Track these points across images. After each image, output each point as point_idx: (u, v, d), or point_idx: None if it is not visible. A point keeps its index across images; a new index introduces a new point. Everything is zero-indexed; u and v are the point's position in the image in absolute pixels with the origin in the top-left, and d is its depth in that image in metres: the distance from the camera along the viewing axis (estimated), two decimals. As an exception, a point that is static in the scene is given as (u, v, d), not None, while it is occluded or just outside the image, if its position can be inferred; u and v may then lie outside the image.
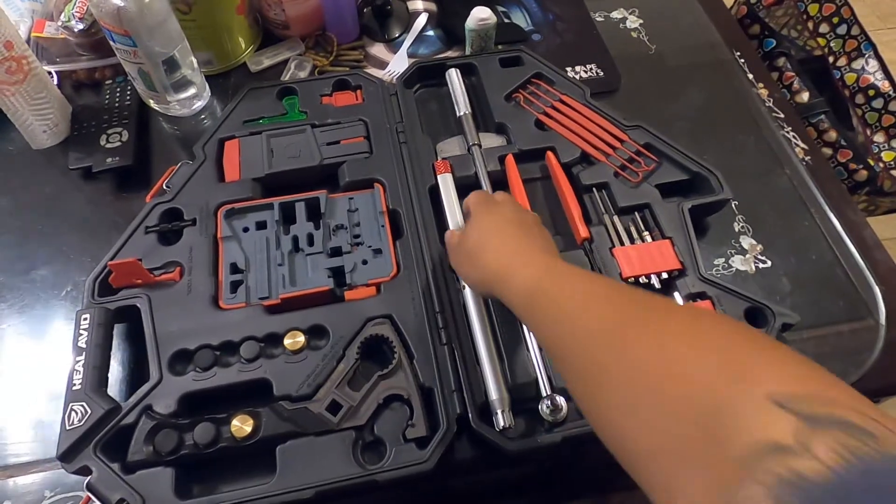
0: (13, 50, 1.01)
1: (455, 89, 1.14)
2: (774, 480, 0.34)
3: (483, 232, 0.81)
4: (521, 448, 0.81)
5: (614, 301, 0.59)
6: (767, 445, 0.36)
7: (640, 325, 0.54)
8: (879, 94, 1.44)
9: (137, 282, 0.91)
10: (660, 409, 0.45)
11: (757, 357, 0.44)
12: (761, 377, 0.41)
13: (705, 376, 0.44)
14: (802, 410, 0.37)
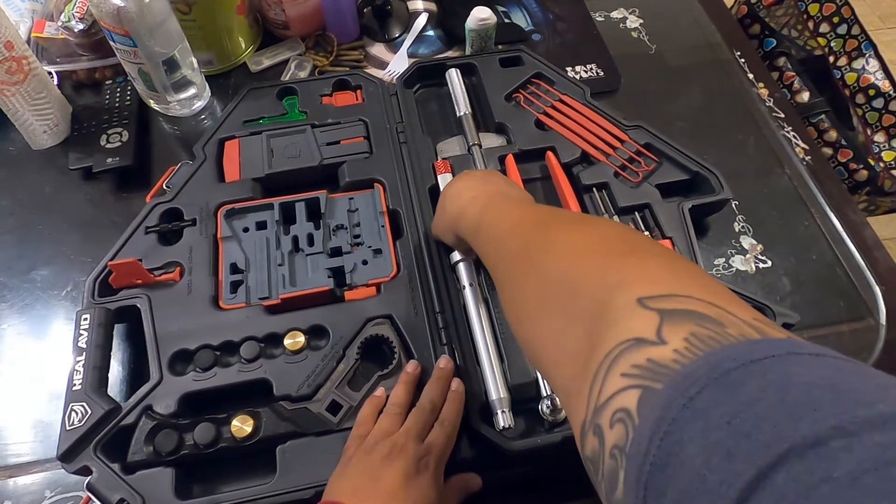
0: (13, 50, 1.01)
1: (455, 89, 1.14)
2: (633, 369, 0.38)
3: (451, 185, 0.86)
4: (521, 448, 0.81)
5: (535, 223, 0.65)
6: (630, 340, 0.40)
7: (546, 243, 0.58)
8: (880, 93, 1.44)
9: (137, 282, 0.91)
10: (559, 318, 0.50)
11: (631, 262, 0.48)
12: (632, 281, 0.45)
13: (589, 285, 0.48)
14: (663, 307, 0.41)
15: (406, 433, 0.75)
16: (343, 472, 0.72)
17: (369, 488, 0.68)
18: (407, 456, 0.72)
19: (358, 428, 0.79)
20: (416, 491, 0.69)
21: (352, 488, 0.69)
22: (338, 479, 0.72)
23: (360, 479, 0.70)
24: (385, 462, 0.71)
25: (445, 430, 0.78)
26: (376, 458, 0.71)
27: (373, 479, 0.69)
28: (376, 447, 0.73)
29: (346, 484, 0.70)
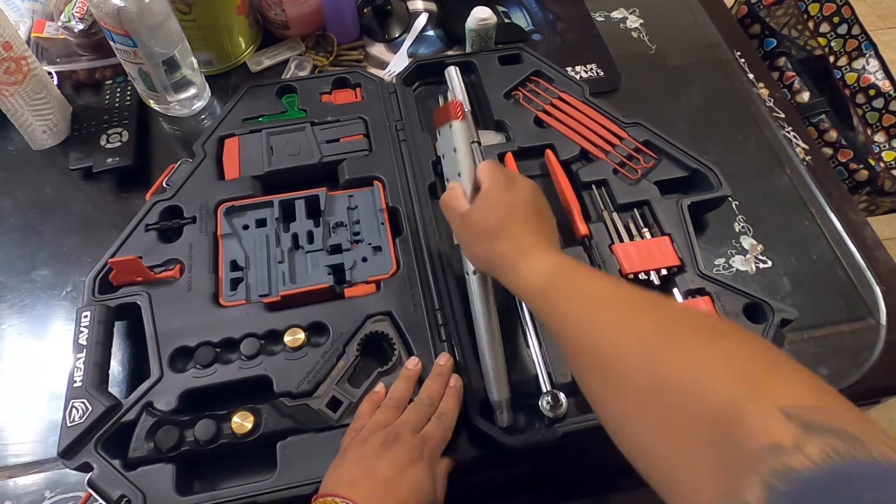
0: (12, 50, 1.01)
1: (454, 87, 1.13)
2: (769, 472, 0.39)
3: (499, 213, 0.76)
4: (521, 444, 0.81)
5: (632, 304, 0.61)
6: (769, 447, 0.41)
7: (662, 336, 0.55)
8: (880, 93, 1.44)
9: (138, 279, 0.91)
10: (678, 420, 0.49)
11: (772, 373, 0.48)
12: (775, 392, 0.45)
13: (726, 391, 0.46)
14: (804, 419, 0.41)
15: (402, 424, 0.75)
16: (339, 463, 0.72)
17: (364, 479, 0.69)
18: (401, 446, 0.72)
19: (355, 422, 0.79)
20: (410, 480, 0.70)
21: (348, 479, 0.69)
22: (334, 471, 0.72)
23: (355, 469, 0.70)
24: (379, 452, 0.71)
25: (442, 423, 0.78)
26: (370, 448, 0.72)
27: (367, 470, 0.69)
28: (371, 437, 0.73)
29: (342, 474, 0.70)
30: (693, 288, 0.93)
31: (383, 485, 0.68)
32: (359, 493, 0.67)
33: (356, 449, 0.73)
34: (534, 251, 0.72)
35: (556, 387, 0.84)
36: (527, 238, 0.74)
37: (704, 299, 0.92)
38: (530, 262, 0.71)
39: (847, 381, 0.95)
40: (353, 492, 0.67)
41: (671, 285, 0.95)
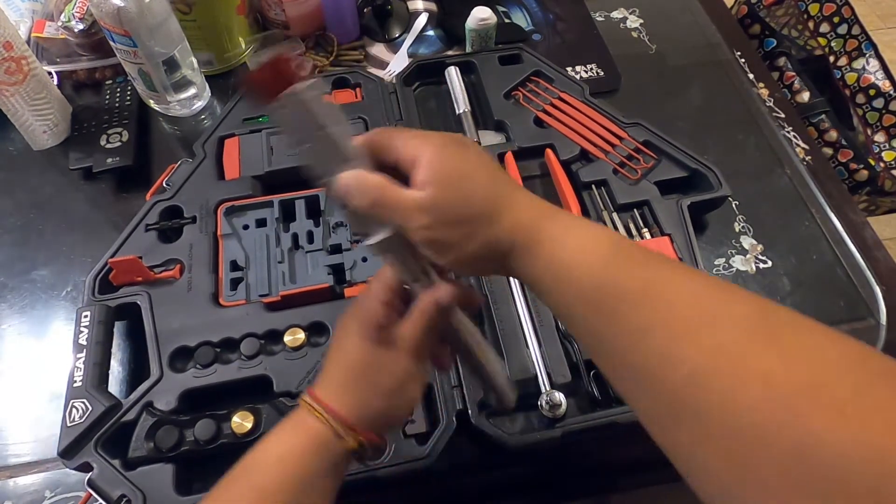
0: (13, 50, 1.01)
1: (454, 87, 1.14)
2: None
3: (479, 181, 0.56)
4: (521, 443, 0.81)
5: (752, 325, 0.43)
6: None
7: (809, 384, 0.39)
8: (880, 93, 1.45)
9: (138, 279, 0.91)
10: (806, 485, 0.37)
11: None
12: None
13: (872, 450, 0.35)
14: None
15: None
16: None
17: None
18: (356, 317, 0.63)
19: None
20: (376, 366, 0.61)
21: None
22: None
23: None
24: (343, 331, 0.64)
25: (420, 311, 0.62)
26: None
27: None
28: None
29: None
30: (693, 288, 0.93)
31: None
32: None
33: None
34: (559, 216, 0.55)
35: (556, 387, 0.84)
36: (534, 202, 0.56)
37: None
38: (569, 231, 0.53)
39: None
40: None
41: (671, 285, 0.95)
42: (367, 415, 0.60)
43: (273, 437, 0.60)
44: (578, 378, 0.87)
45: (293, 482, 0.57)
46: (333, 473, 0.60)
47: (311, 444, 0.59)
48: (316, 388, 0.62)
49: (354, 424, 0.59)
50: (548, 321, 0.90)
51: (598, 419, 0.83)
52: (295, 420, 0.61)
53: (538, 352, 0.86)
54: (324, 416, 0.59)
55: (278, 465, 0.58)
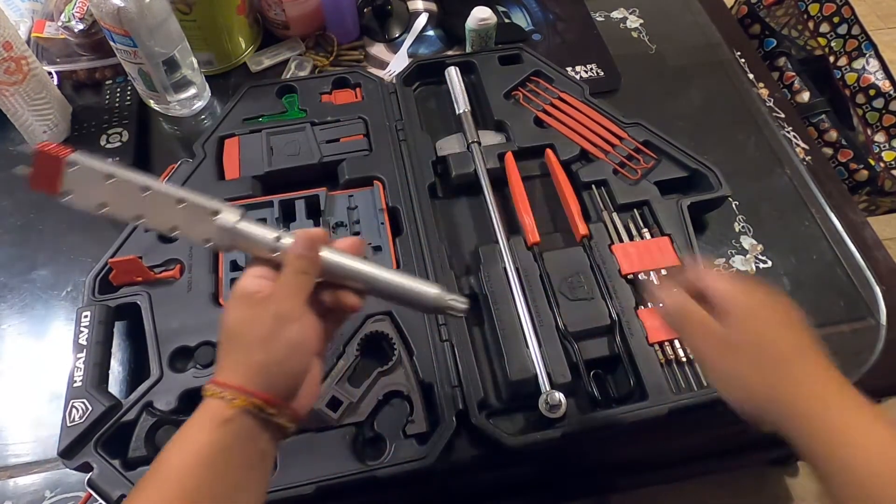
0: (12, 50, 1.01)
1: (454, 87, 1.14)
2: None
3: (783, 330, 0.63)
4: (521, 443, 0.81)
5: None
6: None
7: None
8: (880, 93, 1.44)
9: (138, 279, 0.92)
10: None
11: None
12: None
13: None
14: None
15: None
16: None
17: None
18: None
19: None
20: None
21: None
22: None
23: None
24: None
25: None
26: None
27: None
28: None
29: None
30: (693, 288, 0.93)
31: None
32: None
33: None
34: (847, 411, 0.57)
35: (556, 387, 0.84)
36: (831, 370, 0.60)
37: (704, 299, 0.92)
38: (859, 430, 0.55)
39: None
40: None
41: (671, 285, 0.95)
42: (252, 371, 0.58)
43: (177, 438, 0.58)
44: (578, 378, 0.87)
45: (203, 471, 0.55)
46: (246, 451, 0.58)
47: (210, 425, 0.57)
48: (214, 376, 0.60)
49: (241, 384, 0.57)
50: (548, 321, 0.90)
51: (598, 419, 0.83)
52: (194, 415, 0.59)
53: (538, 352, 0.86)
54: (211, 390, 0.58)
55: (184, 461, 0.56)
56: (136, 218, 0.63)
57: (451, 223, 1.05)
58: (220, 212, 0.63)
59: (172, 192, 0.63)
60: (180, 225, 0.64)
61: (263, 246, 0.63)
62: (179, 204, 0.63)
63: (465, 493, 0.97)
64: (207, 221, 0.63)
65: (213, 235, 0.63)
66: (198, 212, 0.63)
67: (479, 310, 0.94)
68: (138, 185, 0.62)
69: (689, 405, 0.83)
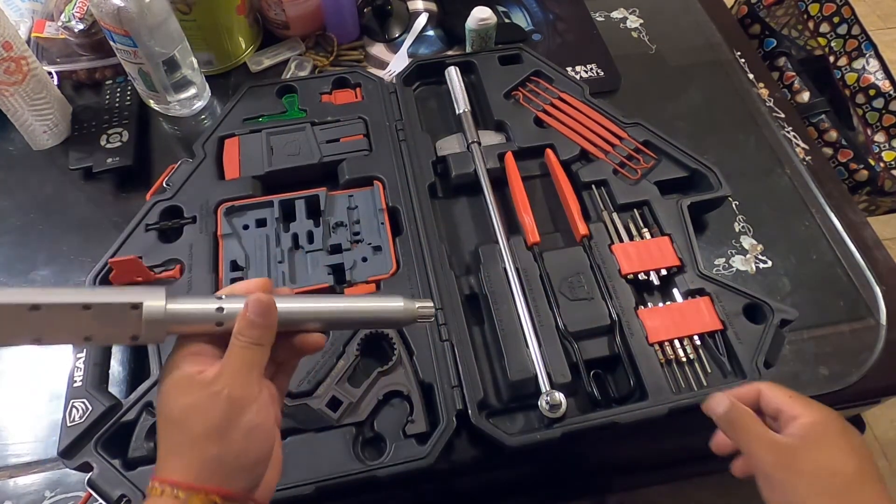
0: (12, 50, 1.01)
1: (454, 87, 1.14)
2: None
3: (852, 456, 0.61)
4: (521, 443, 0.81)
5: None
6: None
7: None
8: (880, 93, 1.44)
9: (138, 279, 0.92)
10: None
11: None
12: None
13: None
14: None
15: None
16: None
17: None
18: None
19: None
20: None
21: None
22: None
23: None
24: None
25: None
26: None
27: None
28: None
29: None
30: (693, 288, 0.93)
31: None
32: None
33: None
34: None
35: (556, 387, 0.84)
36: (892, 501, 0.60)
37: (704, 300, 0.92)
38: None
39: (847, 381, 0.95)
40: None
41: (671, 286, 0.95)
42: (206, 466, 0.53)
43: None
44: (578, 378, 0.87)
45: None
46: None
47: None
48: (156, 472, 0.55)
49: (196, 483, 0.52)
50: (548, 321, 0.90)
51: (598, 419, 0.83)
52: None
53: (538, 352, 0.86)
54: (158, 489, 0.52)
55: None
56: (34, 341, 0.51)
57: (451, 223, 1.05)
58: (142, 303, 0.53)
59: (73, 299, 0.51)
60: (94, 335, 0.53)
61: (206, 322, 0.55)
62: (85, 310, 0.51)
63: (464, 493, 0.97)
64: (129, 317, 0.53)
65: (141, 331, 0.53)
66: (112, 311, 0.52)
67: (479, 310, 0.95)
68: (24, 305, 0.50)
69: (689, 405, 0.83)
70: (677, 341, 0.89)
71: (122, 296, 0.53)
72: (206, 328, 0.56)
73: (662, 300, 0.95)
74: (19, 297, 0.50)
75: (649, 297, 0.96)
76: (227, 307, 0.56)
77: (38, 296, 0.50)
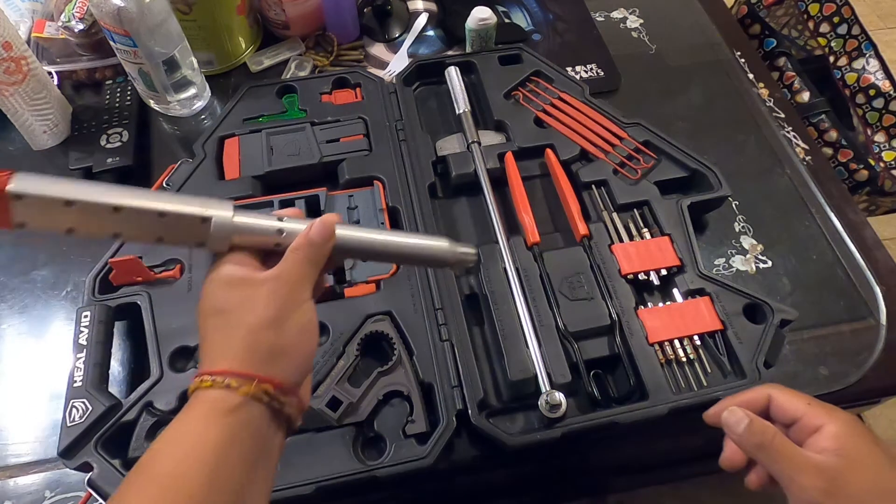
0: (12, 50, 1.01)
1: (454, 87, 1.14)
2: None
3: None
4: (521, 443, 0.81)
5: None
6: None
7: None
8: (880, 93, 1.44)
9: (138, 279, 0.92)
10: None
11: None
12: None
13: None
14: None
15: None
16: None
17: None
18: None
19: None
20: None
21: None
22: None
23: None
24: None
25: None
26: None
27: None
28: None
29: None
30: (693, 288, 0.93)
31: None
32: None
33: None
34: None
35: (556, 387, 0.84)
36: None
37: (704, 300, 0.92)
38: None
39: (847, 381, 0.95)
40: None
41: (671, 285, 0.95)
42: (258, 354, 0.55)
43: (170, 433, 0.53)
44: (578, 378, 0.87)
45: (208, 468, 0.50)
46: (255, 445, 0.54)
47: (212, 417, 0.52)
48: (201, 367, 0.56)
49: (249, 370, 0.54)
50: (548, 321, 0.90)
51: (598, 419, 0.83)
52: (186, 410, 0.54)
53: (538, 352, 0.86)
54: (209, 380, 0.53)
55: (185, 458, 0.51)
56: (113, 236, 0.57)
57: (451, 223, 1.05)
58: (211, 217, 0.58)
59: (152, 206, 0.56)
60: (166, 237, 0.58)
61: (267, 236, 0.60)
62: (161, 217, 0.57)
63: (464, 493, 0.97)
64: (199, 227, 0.58)
65: (207, 238, 0.58)
66: (184, 220, 0.57)
67: (479, 310, 0.95)
68: (108, 206, 0.55)
69: (689, 405, 0.83)
70: (677, 341, 0.89)
71: (195, 208, 0.57)
72: (265, 240, 0.60)
73: (662, 300, 0.95)
74: (105, 196, 0.55)
75: (649, 297, 0.96)
76: (287, 227, 0.61)
77: (121, 198, 0.55)
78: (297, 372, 0.58)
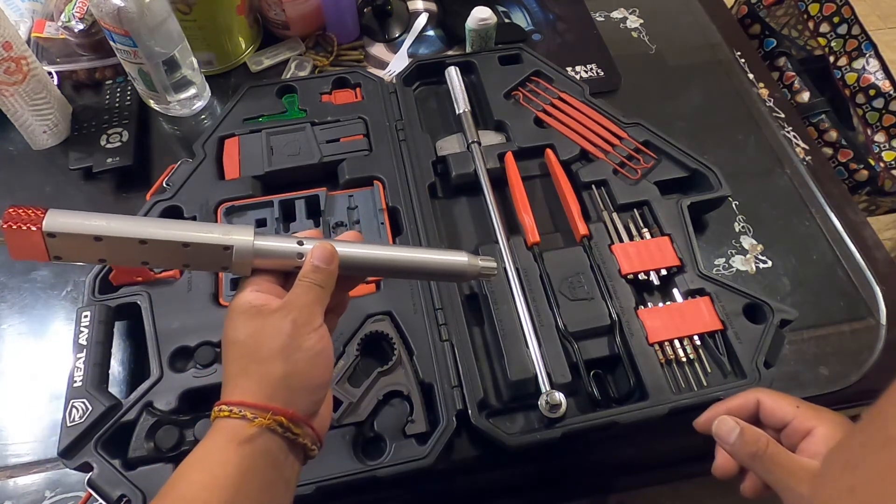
0: (12, 50, 1.01)
1: (454, 87, 1.14)
2: None
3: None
4: (521, 443, 0.81)
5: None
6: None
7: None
8: (880, 93, 1.45)
9: (138, 279, 0.91)
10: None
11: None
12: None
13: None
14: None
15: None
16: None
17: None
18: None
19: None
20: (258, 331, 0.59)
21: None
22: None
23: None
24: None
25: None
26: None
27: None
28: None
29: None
30: (693, 288, 0.93)
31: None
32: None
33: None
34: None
35: (556, 387, 0.84)
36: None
37: (704, 300, 0.92)
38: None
39: (847, 381, 0.95)
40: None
41: (671, 285, 0.95)
42: (272, 386, 0.56)
43: (192, 460, 0.55)
44: (578, 378, 0.87)
45: (227, 494, 0.52)
46: (270, 475, 0.56)
47: (230, 446, 0.54)
48: (222, 397, 0.58)
49: (262, 402, 0.56)
50: (548, 321, 0.90)
51: (598, 419, 0.83)
52: (208, 437, 0.56)
53: (538, 352, 0.86)
54: (227, 410, 0.56)
55: (204, 483, 0.53)
56: (143, 264, 0.61)
57: (451, 223, 1.05)
58: (233, 245, 0.61)
59: (175, 237, 0.60)
60: (191, 264, 0.62)
61: (287, 259, 0.63)
62: (185, 247, 0.60)
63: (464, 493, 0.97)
64: (222, 255, 0.61)
65: (231, 264, 0.62)
66: (208, 249, 0.61)
67: (479, 310, 0.94)
68: (134, 240, 0.59)
69: (689, 405, 0.83)
70: (677, 341, 0.89)
71: (217, 237, 0.61)
72: (286, 263, 0.63)
73: (662, 300, 0.95)
74: (132, 230, 0.59)
75: (649, 297, 0.96)
76: (305, 249, 0.63)
77: (147, 231, 0.59)
78: (310, 401, 0.59)
